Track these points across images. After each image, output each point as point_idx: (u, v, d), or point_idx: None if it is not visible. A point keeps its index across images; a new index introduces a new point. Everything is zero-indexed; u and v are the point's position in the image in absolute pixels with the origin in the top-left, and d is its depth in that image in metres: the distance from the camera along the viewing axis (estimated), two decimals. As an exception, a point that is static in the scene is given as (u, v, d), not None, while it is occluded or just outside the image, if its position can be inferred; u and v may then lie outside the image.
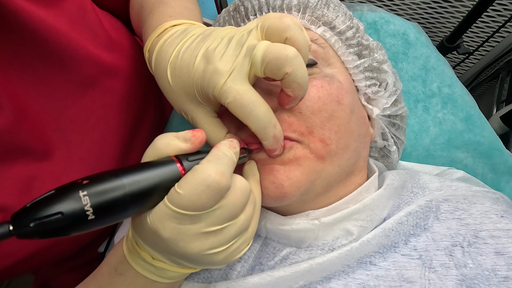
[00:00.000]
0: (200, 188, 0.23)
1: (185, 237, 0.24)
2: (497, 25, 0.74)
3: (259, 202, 0.30)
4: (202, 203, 0.23)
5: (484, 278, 0.28)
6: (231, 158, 0.26)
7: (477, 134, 0.47)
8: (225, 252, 0.26)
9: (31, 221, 0.19)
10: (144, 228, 0.25)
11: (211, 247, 0.25)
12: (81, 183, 0.20)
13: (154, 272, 0.28)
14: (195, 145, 0.26)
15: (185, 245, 0.24)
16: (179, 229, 0.24)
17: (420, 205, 0.34)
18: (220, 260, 0.26)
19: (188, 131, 0.26)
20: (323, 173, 0.32)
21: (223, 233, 0.25)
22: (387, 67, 0.39)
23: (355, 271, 0.31)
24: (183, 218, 0.23)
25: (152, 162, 0.24)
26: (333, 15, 0.37)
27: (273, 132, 0.28)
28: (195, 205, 0.23)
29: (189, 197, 0.23)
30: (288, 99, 0.28)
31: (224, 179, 0.23)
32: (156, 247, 0.26)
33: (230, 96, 0.26)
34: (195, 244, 0.24)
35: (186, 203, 0.23)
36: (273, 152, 0.30)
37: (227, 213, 0.25)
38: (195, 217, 0.24)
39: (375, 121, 0.40)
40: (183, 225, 0.24)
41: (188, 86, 0.29)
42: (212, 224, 0.24)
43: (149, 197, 0.23)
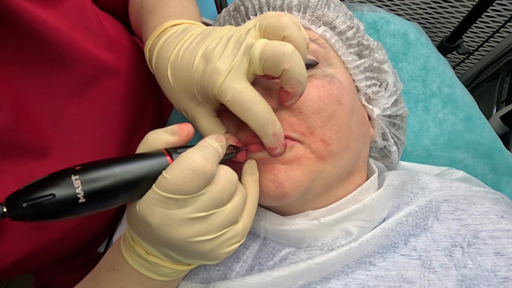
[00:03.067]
0: (186, 172, 0.23)
1: (171, 222, 0.24)
2: (497, 25, 0.74)
3: (255, 200, 0.30)
4: (188, 186, 0.24)
5: (484, 278, 0.28)
6: (217, 148, 0.26)
7: (477, 134, 0.47)
8: (213, 242, 0.26)
9: (24, 202, 0.19)
10: (134, 216, 0.25)
11: (198, 234, 0.25)
12: (74, 169, 0.21)
13: (149, 268, 0.29)
14: (182, 137, 0.27)
15: (171, 231, 0.25)
16: (166, 214, 0.24)
17: (420, 206, 0.34)
18: (208, 249, 0.27)
19: (176, 125, 0.27)
20: (323, 173, 0.32)
21: (209, 220, 0.26)
22: (388, 67, 0.38)
23: (354, 271, 0.31)
24: (170, 202, 0.24)
25: (142, 154, 0.25)
26: (334, 15, 0.37)
27: (272, 129, 0.28)
28: (181, 188, 0.24)
29: (175, 180, 0.23)
30: (288, 95, 0.28)
31: (208, 164, 0.24)
32: (147, 237, 0.27)
33: (229, 94, 0.27)
34: (181, 229, 0.25)
35: (173, 187, 0.23)
36: (274, 151, 0.30)
37: (212, 200, 0.25)
38: (181, 201, 0.24)
39: (375, 121, 0.40)
40: (170, 210, 0.24)
41: (188, 85, 0.29)
42: (198, 210, 0.25)
43: (139, 185, 0.24)
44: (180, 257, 0.28)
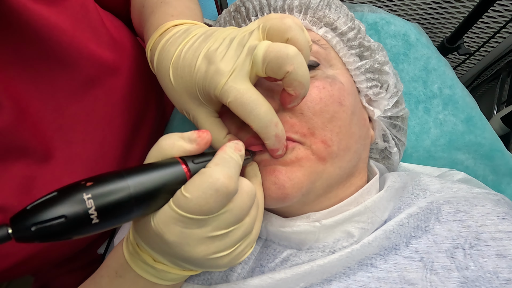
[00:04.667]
0: (209, 192, 0.22)
1: (190, 241, 0.24)
2: (498, 26, 0.74)
3: (262, 204, 0.30)
4: (210, 207, 0.23)
5: (486, 280, 0.28)
6: (237, 161, 0.25)
7: (478, 135, 0.47)
8: (230, 255, 0.26)
9: (32, 225, 0.18)
10: (148, 231, 0.24)
11: (216, 251, 0.25)
12: (85, 185, 0.20)
13: (155, 274, 0.28)
14: (201, 146, 0.25)
15: (190, 249, 0.24)
16: (185, 233, 0.23)
17: (421, 207, 0.34)
18: (224, 263, 0.26)
19: (194, 132, 0.26)
20: (324, 174, 0.32)
21: (229, 237, 0.25)
22: (388, 69, 0.38)
23: (356, 273, 0.31)
24: (190, 222, 0.23)
25: (156, 163, 0.24)
26: (335, 16, 0.37)
27: (275, 131, 0.28)
28: (203, 210, 0.23)
29: (196, 201, 0.22)
30: (290, 98, 0.28)
31: (232, 183, 0.23)
32: (160, 250, 0.26)
33: (231, 95, 0.26)
34: (200, 248, 0.24)
35: (194, 207, 0.22)
36: (276, 152, 0.30)
37: (233, 217, 0.25)
38: (201, 221, 0.23)
39: (376, 123, 0.40)
40: (189, 229, 0.23)
41: (190, 86, 0.29)
42: (218, 228, 0.24)
43: (154, 199, 0.23)
44: (192, 267, 0.27)
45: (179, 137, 0.25)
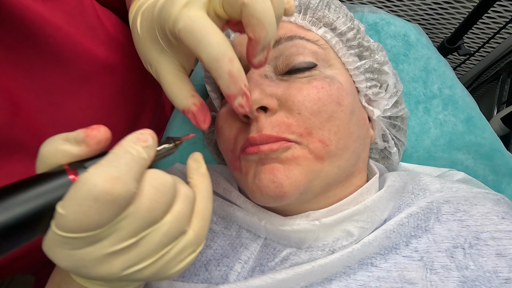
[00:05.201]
0: (86, 204, 0.18)
1: (85, 263, 0.20)
2: (498, 26, 0.74)
3: (206, 199, 0.25)
4: (94, 220, 0.18)
5: (485, 279, 0.28)
6: (137, 154, 0.21)
7: (478, 135, 0.47)
8: (153, 266, 0.22)
9: None
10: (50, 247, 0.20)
11: (127, 266, 0.21)
12: None
13: (100, 284, 0.24)
14: (92, 147, 0.21)
15: (90, 271, 0.20)
16: (75, 255, 0.19)
17: (421, 207, 0.34)
18: (149, 275, 0.22)
19: (80, 130, 0.21)
20: (322, 173, 0.32)
21: (141, 246, 0.21)
22: (388, 69, 0.39)
23: (356, 272, 0.31)
24: (75, 242, 0.19)
25: (38, 176, 0.19)
26: (334, 16, 0.37)
27: (228, 67, 0.23)
28: (84, 225, 0.18)
29: (73, 217, 0.18)
30: (251, 47, 0.24)
31: (118, 186, 0.19)
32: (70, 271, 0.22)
33: (181, 22, 0.23)
34: (101, 268, 0.20)
35: (72, 225, 0.18)
36: (234, 100, 0.25)
37: (140, 221, 0.20)
38: (91, 238, 0.19)
39: (375, 123, 0.40)
40: (79, 250, 0.19)
41: (151, 26, 0.26)
42: (121, 239, 0.20)
43: (37, 222, 0.19)
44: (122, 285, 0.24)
45: (62, 139, 0.21)
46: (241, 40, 0.38)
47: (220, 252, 0.36)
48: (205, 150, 0.51)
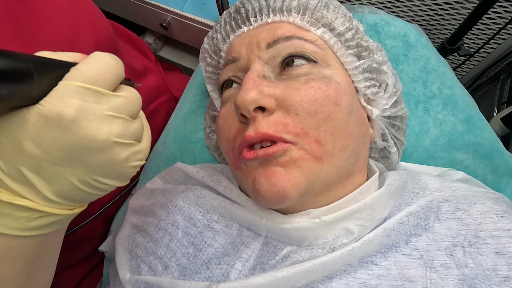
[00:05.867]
0: (102, 64, 0.24)
1: (88, 115, 0.23)
2: (498, 27, 0.74)
3: (148, 130, 0.31)
4: (105, 78, 0.24)
5: (485, 277, 0.28)
6: (120, 63, 0.27)
7: (478, 135, 0.47)
8: (127, 149, 0.26)
9: None
10: (28, 122, 0.22)
11: (117, 134, 0.25)
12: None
13: (11, 223, 0.23)
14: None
15: (89, 124, 0.23)
16: (83, 106, 0.23)
17: (421, 205, 0.34)
18: (122, 158, 0.26)
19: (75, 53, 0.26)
20: (321, 174, 0.32)
21: (124, 125, 0.25)
22: (387, 68, 0.39)
23: (356, 270, 0.31)
24: (87, 94, 0.23)
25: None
26: (333, 17, 0.37)
27: None
28: (99, 79, 0.24)
29: (92, 71, 0.24)
30: None
31: (118, 64, 0.26)
32: (41, 151, 0.23)
33: None
34: (99, 124, 0.24)
35: (90, 77, 0.23)
36: None
37: (125, 105, 0.26)
38: (98, 96, 0.24)
39: (374, 122, 0.40)
40: (87, 103, 0.23)
41: None
42: (114, 109, 0.25)
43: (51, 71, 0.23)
44: (82, 178, 0.25)
45: (61, 55, 0.25)
46: (241, 40, 0.39)
47: (221, 250, 0.36)
48: (206, 149, 0.51)
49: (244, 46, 0.37)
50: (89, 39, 0.37)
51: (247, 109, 0.31)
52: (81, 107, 0.23)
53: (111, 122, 0.24)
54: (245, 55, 0.37)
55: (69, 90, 0.23)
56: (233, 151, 0.36)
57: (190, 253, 0.36)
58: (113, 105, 0.25)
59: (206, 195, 0.40)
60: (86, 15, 0.40)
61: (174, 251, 0.37)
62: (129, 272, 0.37)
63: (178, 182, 0.47)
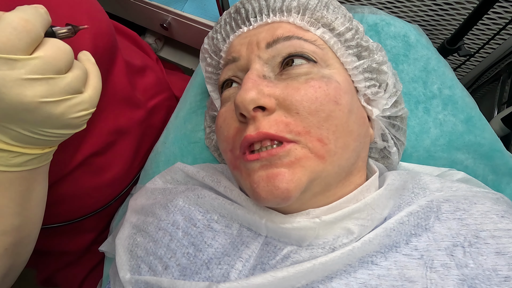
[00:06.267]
0: (7, 30, 0.24)
1: (6, 82, 0.24)
2: (498, 27, 0.74)
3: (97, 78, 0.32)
4: (14, 44, 0.24)
5: (485, 278, 0.28)
6: (40, 12, 0.26)
7: (478, 135, 0.47)
8: (60, 105, 0.27)
9: None
10: None
11: (41, 95, 0.26)
12: None
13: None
14: None
15: (9, 91, 0.24)
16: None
17: (421, 205, 0.34)
18: (58, 113, 0.27)
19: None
20: (323, 173, 0.32)
21: (50, 84, 0.26)
22: (387, 68, 0.39)
23: (356, 270, 0.31)
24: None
25: None
26: (333, 17, 0.37)
27: None
28: (7, 47, 0.24)
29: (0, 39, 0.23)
30: None
31: (29, 24, 0.25)
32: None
33: None
34: (20, 89, 0.25)
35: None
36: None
37: (46, 64, 0.26)
38: (10, 62, 0.24)
39: (375, 122, 0.40)
40: (1, 71, 0.24)
41: None
42: (33, 72, 0.25)
43: None
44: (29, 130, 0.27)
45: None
46: (241, 40, 0.39)
47: (221, 250, 0.36)
48: (206, 149, 0.51)
49: (244, 46, 0.37)
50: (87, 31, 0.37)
51: (246, 109, 0.31)
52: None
53: (33, 85, 0.25)
54: (245, 55, 0.37)
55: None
56: (231, 150, 0.36)
57: (190, 253, 0.36)
58: (31, 68, 0.25)
59: (206, 195, 0.40)
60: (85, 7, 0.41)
61: (174, 251, 0.37)
62: (129, 272, 0.37)
63: (178, 182, 0.47)
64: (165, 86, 0.65)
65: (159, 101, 0.61)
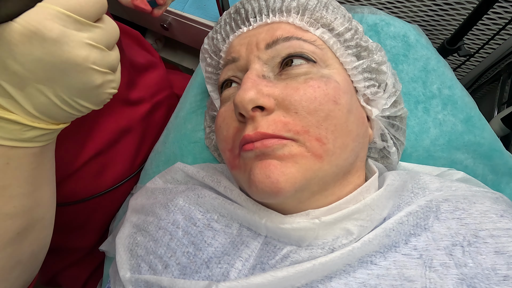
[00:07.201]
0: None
1: (70, 41, 0.25)
2: (498, 27, 0.74)
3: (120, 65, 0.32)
4: (89, 9, 0.25)
5: (484, 277, 0.28)
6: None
7: (477, 135, 0.47)
8: (103, 76, 0.28)
9: None
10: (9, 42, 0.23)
11: (95, 62, 0.27)
12: None
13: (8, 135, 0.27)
14: None
15: (70, 50, 0.25)
16: (65, 32, 0.24)
17: (420, 205, 0.34)
18: (98, 84, 0.28)
19: None
20: (320, 172, 0.32)
21: (102, 54, 0.27)
22: (386, 68, 0.39)
23: (356, 270, 0.31)
24: (68, 21, 0.24)
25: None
26: (332, 17, 0.37)
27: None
28: (82, 10, 0.25)
29: (77, 1, 0.25)
30: None
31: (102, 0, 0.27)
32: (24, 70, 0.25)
33: None
34: (80, 51, 0.25)
35: (74, 6, 0.24)
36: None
37: (104, 36, 0.27)
38: (78, 24, 0.25)
39: (374, 122, 0.40)
40: (68, 29, 0.25)
41: None
42: (93, 39, 0.26)
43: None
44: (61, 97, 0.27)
45: None
46: (241, 40, 0.39)
47: (221, 250, 0.36)
48: (206, 149, 0.51)
49: (244, 46, 0.37)
50: None
51: (245, 108, 0.31)
52: (62, 32, 0.24)
53: (90, 50, 0.26)
54: (244, 55, 0.37)
55: (49, 14, 0.24)
56: (230, 150, 0.36)
57: (190, 252, 0.36)
58: (92, 35, 0.26)
59: (207, 195, 0.40)
60: None
61: (174, 250, 0.37)
62: (129, 271, 0.37)
63: (178, 182, 0.48)
64: (167, 84, 0.65)
65: (161, 98, 0.61)
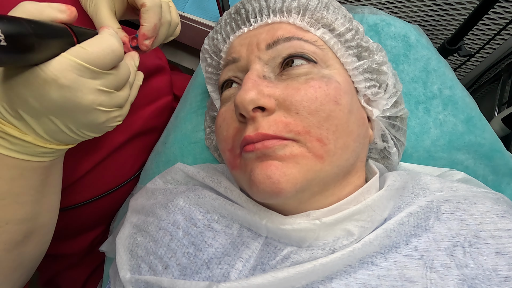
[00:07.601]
0: (107, 51, 0.29)
1: (83, 88, 0.28)
2: (499, 27, 0.74)
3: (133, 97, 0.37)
4: (105, 62, 0.29)
5: (485, 278, 0.28)
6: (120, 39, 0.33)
7: (478, 135, 0.47)
8: (107, 115, 0.32)
9: None
10: (32, 84, 0.27)
11: (102, 104, 0.31)
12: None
13: (23, 150, 0.31)
14: (71, 17, 0.29)
15: (82, 96, 0.29)
16: (80, 80, 0.28)
17: (421, 206, 0.34)
18: (102, 120, 0.32)
19: (63, 4, 0.28)
20: (321, 173, 0.32)
21: (110, 97, 0.31)
22: (387, 69, 0.39)
23: (356, 271, 0.31)
24: (85, 71, 0.28)
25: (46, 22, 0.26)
26: (333, 18, 0.37)
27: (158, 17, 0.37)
28: (100, 63, 0.28)
29: (96, 54, 0.28)
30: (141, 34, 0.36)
31: (122, 51, 0.30)
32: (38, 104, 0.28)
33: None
34: (90, 96, 0.29)
35: (93, 59, 0.28)
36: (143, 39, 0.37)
37: (115, 81, 0.31)
38: (95, 74, 0.29)
39: (374, 122, 0.40)
40: (84, 78, 0.28)
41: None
42: (105, 85, 0.30)
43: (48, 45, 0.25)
44: (69, 127, 0.31)
45: (47, 5, 0.27)
46: (241, 40, 0.39)
47: (222, 250, 0.36)
48: (206, 150, 0.51)
49: (244, 46, 0.37)
50: None
51: (245, 109, 0.31)
52: (77, 81, 0.28)
53: (99, 94, 0.30)
54: (245, 55, 0.37)
55: (69, 65, 0.27)
56: (230, 150, 0.36)
57: (191, 252, 0.36)
58: (104, 82, 0.30)
59: (207, 195, 0.40)
60: None
61: (175, 251, 0.37)
62: (129, 272, 0.37)
63: (178, 183, 0.47)
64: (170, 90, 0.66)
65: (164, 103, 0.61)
